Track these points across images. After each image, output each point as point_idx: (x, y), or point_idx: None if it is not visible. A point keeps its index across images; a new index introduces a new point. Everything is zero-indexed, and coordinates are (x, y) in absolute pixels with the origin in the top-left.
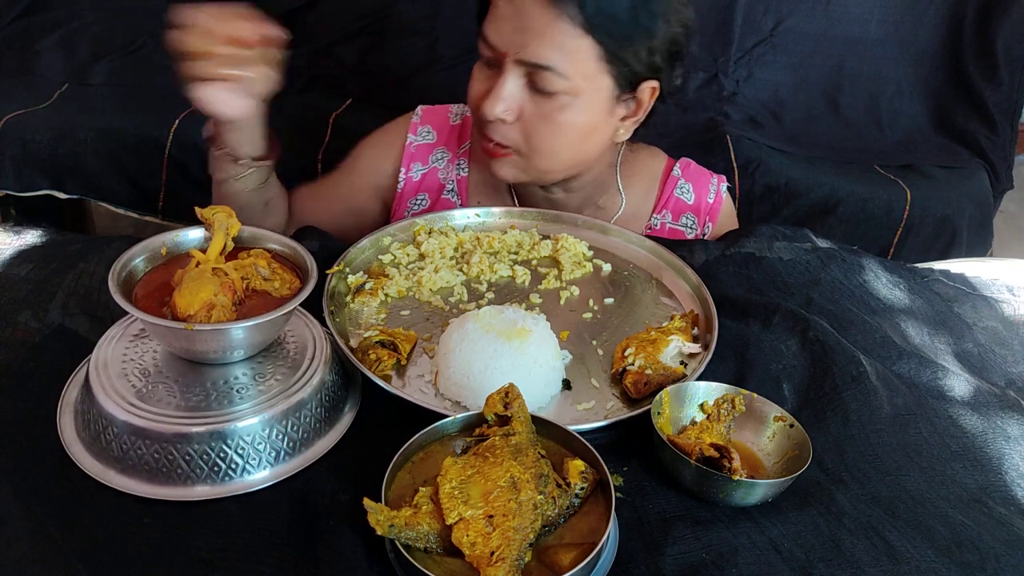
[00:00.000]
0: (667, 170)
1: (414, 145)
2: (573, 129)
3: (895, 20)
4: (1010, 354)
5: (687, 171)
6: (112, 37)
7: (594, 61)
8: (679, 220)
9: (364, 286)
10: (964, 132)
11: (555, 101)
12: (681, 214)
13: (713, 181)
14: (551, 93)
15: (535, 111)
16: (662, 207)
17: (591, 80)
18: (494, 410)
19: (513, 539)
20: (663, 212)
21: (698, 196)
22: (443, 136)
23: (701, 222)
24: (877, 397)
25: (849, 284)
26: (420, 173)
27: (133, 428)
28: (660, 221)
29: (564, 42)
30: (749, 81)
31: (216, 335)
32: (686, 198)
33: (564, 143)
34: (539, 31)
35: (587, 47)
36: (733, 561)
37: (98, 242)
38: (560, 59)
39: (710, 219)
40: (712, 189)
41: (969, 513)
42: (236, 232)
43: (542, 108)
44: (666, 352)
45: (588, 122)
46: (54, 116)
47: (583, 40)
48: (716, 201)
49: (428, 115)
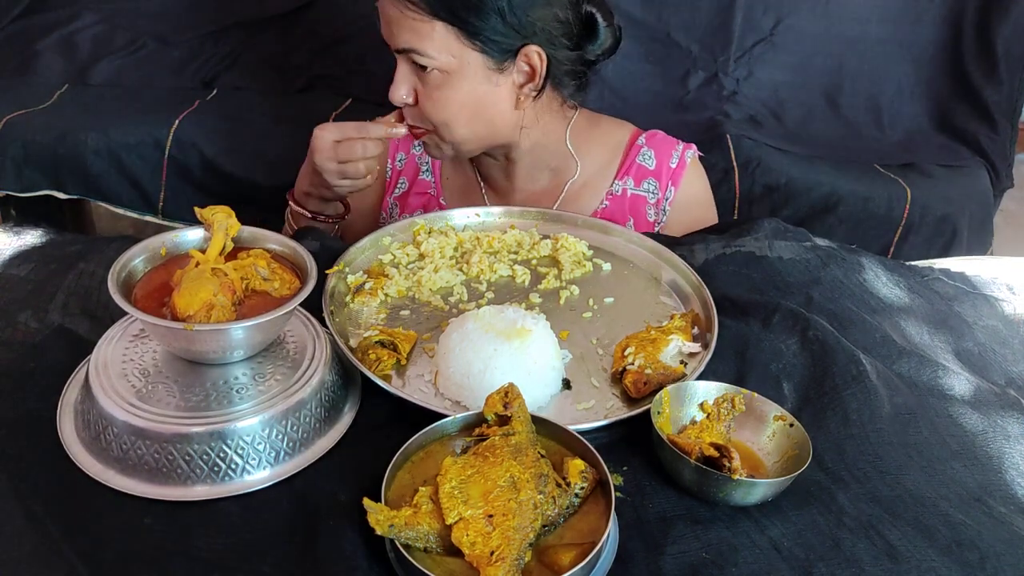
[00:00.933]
0: (632, 140)
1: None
2: (455, 101)
3: (895, 19)
4: (1010, 353)
5: (652, 140)
6: (112, 37)
7: (454, 40)
8: (640, 185)
9: (364, 286)
10: (964, 131)
11: (431, 79)
12: (642, 180)
13: (678, 148)
14: (428, 72)
15: (423, 91)
16: (624, 174)
17: (459, 57)
18: (494, 410)
19: (513, 539)
20: (624, 179)
21: (659, 161)
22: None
23: (663, 186)
24: (877, 396)
25: (849, 283)
26: (405, 161)
27: (133, 428)
28: (621, 187)
29: (416, 27)
30: (749, 80)
31: (215, 335)
32: (647, 164)
33: (453, 114)
34: (395, 21)
35: (441, 28)
36: (733, 560)
37: (98, 242)
38: (417, 42)
39: (672, 183)
40: (676, 155)
41: (969, 512)
42: (235, 232)
43: (426, 87)
44: (666, 351)
45: (471, 93)
46: (54, 116)
47: (434, 23)
48: (679, 166)
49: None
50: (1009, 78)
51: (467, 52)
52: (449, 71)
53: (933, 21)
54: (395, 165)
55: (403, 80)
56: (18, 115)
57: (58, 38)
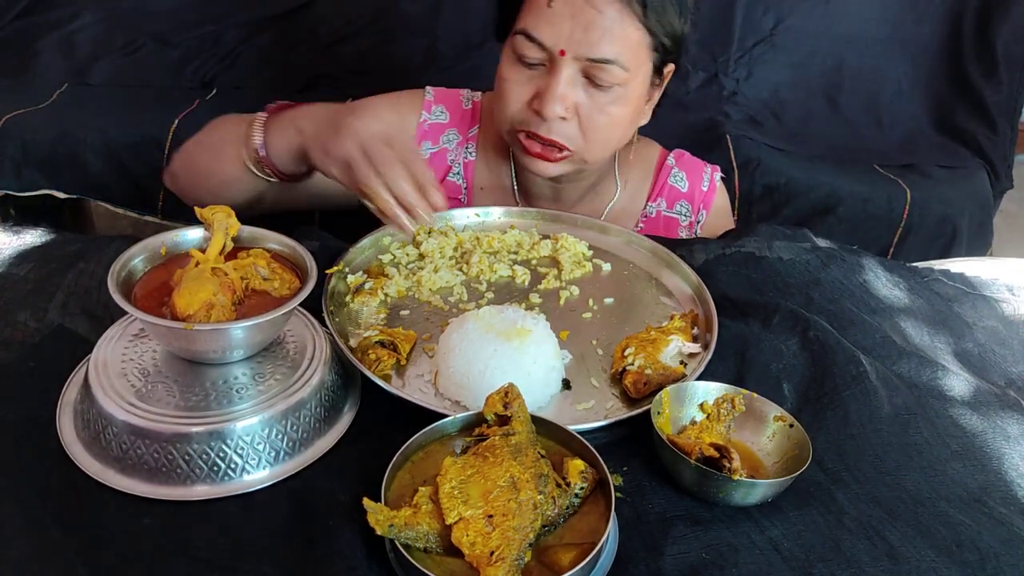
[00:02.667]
0: (661, 159)
1: (427, 123)
2: (624, 119)
3: (895, 19)
4: (1010, 354)
5: (681, 161)
6: (112, 37)
7: (643, 50)
8: (673, 208)
9: (364, 286)
10: (964, 132)
11: (610, 93)
12: (675, 202)
13: (707, 170)
14: (607, 87)
15: (591, 105)
16: (657, 195)
17: (639, 69)
18: (494, 410)
19: (513, 539)
20: (658, 200)
21: (692, 184)
22: (455, 118)
23: (695, 209)
24: (877, 397)
25: (849, 284)
26: (429, 152)
27: (132, 428)
28: (656, 209)
29: (628, 35)
30: (749, 81)
31: (215, 335)
32: (680, 186)
33: (616, 134)
34: (606, 26)
35: (640, 37)
36: (733, 561)
37: (97, 242)
38: (622, 52)
39: (704, 207)
40: (706, 178)
41: (969, 513)
42: (235, 232)
43: (598, 101)
44: (666, 352)
45: (634, 110)
46: (54, 116)
47: (640, 31)
48: (710, 189)
49: (440, 96)
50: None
51: (645, 65)
52: (627, 85)
53: (933, 21)
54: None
55: (568, 93)
56: (18, 114)
57: (58, 38)
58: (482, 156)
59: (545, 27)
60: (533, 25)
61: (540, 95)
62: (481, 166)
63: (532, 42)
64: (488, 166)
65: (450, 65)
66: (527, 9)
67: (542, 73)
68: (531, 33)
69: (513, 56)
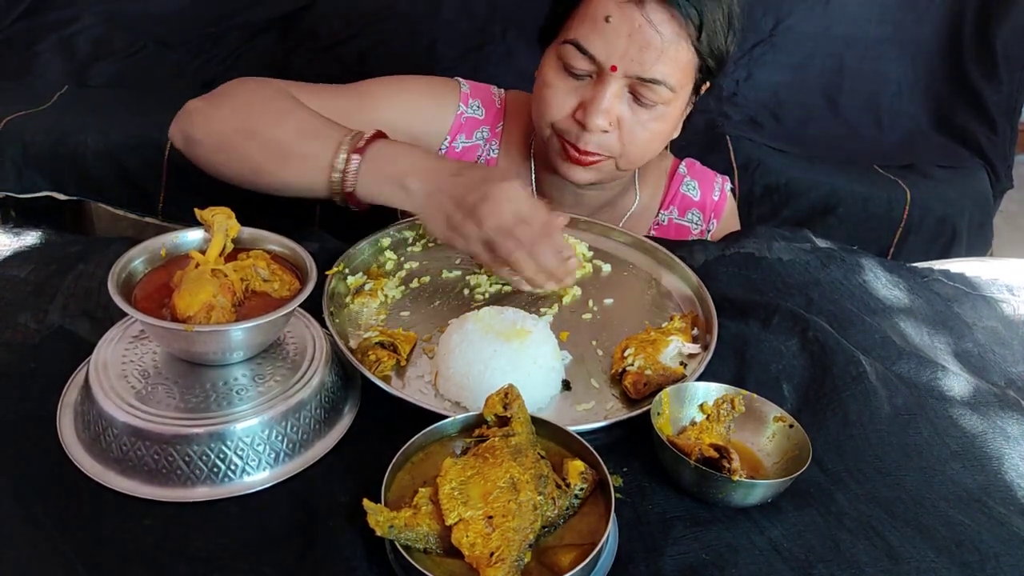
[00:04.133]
0: (673, 167)
1: (464, 116)
2: (663, 134)
3: (895, 20)
4: (1010, 354)
5: (692, 169)
6: (112, 39)
7: (691, 71)
8: (685, 216)
9: (364, 287)
10: (964, 132)
11: (654, 111)
12: (687, 210)
13: (718, 180)
14: (651, 106)
15: (634, 120)
16: (669, 203)
17: (683, 89)
18: (494, 411)
19: (513, 540)
20: (670, 208)
21: (704, 193)
22: (489, 115)
23: (706, 218)
24: (877, 397)
25: (849, 284)
26: (463, 146)
27: (133, 429)
28: (668, 217)
29: (680, 57)
30: (749, 81)
31: (215, 336)
32: (692, 195)
33: (653, 148)
34: (661, 48)
35: (690, 59)
36: (733, 561)
37: (98, 243)
38: (672, 74)
39: (715, 216)
40: (717, 187)
41: (969, 513)
42: (235, 233)
43: (640, 117)
44: (666, 352)
45: (673, 126)
46: (54, 118)
47: (691, 53)
48: (721, 199)
49: (476, 90)
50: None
51: (689, 85)
52: (669, 105)
53: (933, 21)
54: (452, 145)
55: (613, 108)
56: (18, 116)
57: (58, 39)
58: (504, 156)
59: (599, 41)
60: (586, 37)
61: (585, 107)
62: (503, 165)
63: (583, 54)
64: (510, 166)
65: (450, 65)
66: (580, 19)
67: (588, 84)
68: (583, 45)
69: (559, 63)
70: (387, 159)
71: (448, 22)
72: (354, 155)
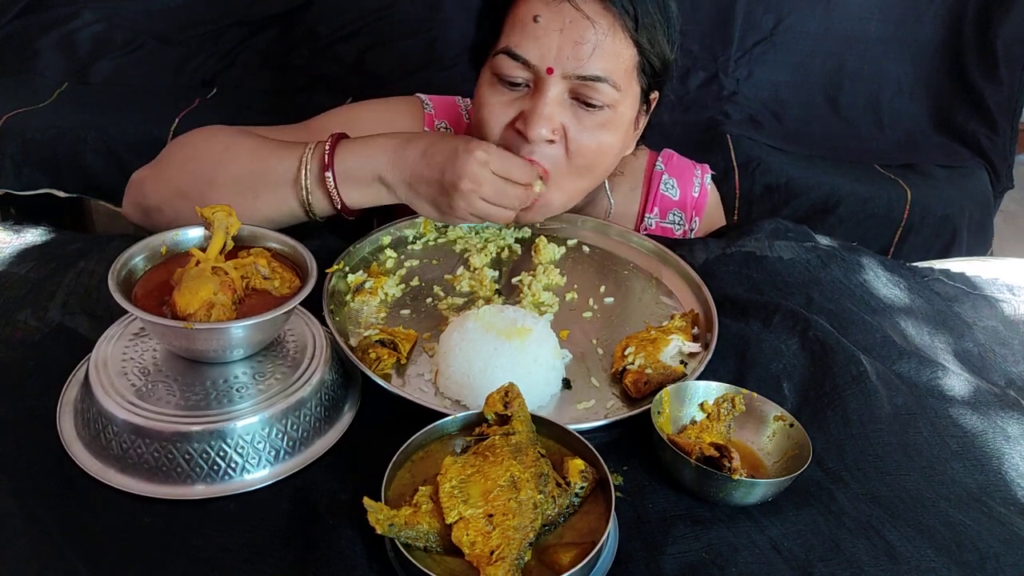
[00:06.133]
0: (650, 164)
1: None
2: (612, 147)
3: (895, 19)
4: (1010, 353)
5: (670, 164)
6: (112, 36)
7: (633, 71)
8: (666, 217)
9: (364, 285)
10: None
11: (599, 115)
12: (668, 211)
13: (696, 173)
14: (596, 107)
15: (579, 127)
16: (652, 205)
17: (628, 90)
18: (494, 409)
19: (513, 538)
20: (653, 210)
21: (683, 192)
22: (460, 131)
23: (688, 217)
24: (877, 397)
25: (849, 283)
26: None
27: (133, 427)
28: (654, 221)
29: (619, 51)
30: (749, 80)
31: (215, 334)
32: (671, 194)
33: (602, 163)
34: (596, 40)
35: (630, 55)
36: (733, 560)
37: (98, 241)
38: (613, 70)
39: (696, 213)
40: (696, 183)
41: (969, 512)
42: (236, 231)
43: (585, 123)
44: (666, 351)
45: (623, 137)
46: (54, 115)
47: (631, 49)
48: (701, 194)
49: (441, 108)
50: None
51: (632, 87)
52: (616, 107)
53: (933, 21)
54: None
55: (555, 114)
56: (18, 113)
57: (58, 36)
58: None
59: (531, 43)
60: (517, 43)
61: (525, 116)
62: None
63: (516, 60)
64: None
65: (450, 65)
66: (510, 27)
67: (525, 94)
68: (515, 51)
69: (493, 78)
70: (358, 163)
71: (448, 22)
72: (327, 173)
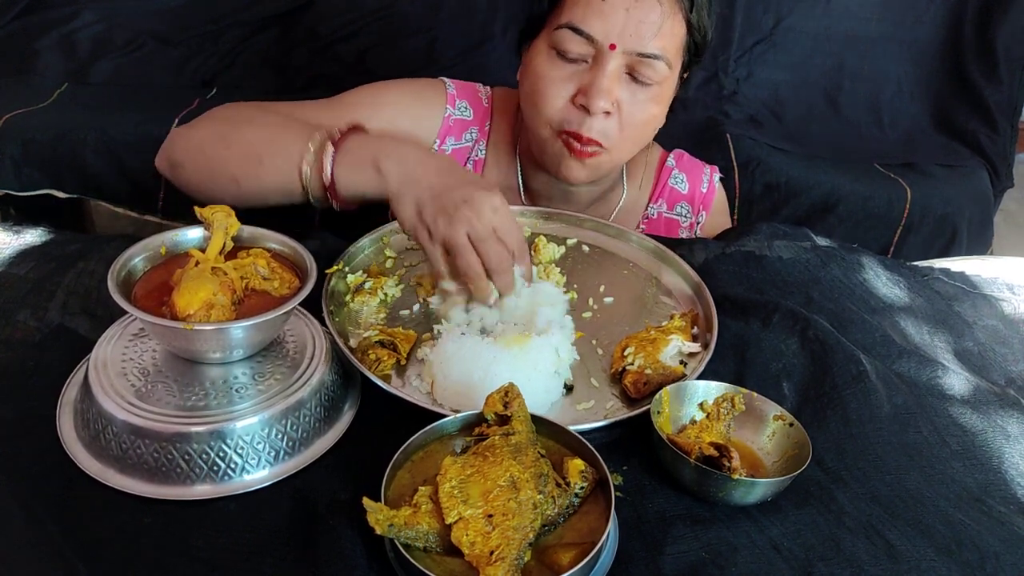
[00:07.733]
0: (661, 160)
1: (452, 118)
2: (657, 118)
3: (895, 19)
4: (1010, 352)
5: (681, 162)
6: (112, 36)
7: (681, 48)
8: (673, 209)
9: (363, 285)
10: (964, 131)
11: (650, 91)
12: (676, 203)
13: (706, 171)
14: (647, 85)
15: (632, 101)
16: (658, 196)
17: (675, 68)
18: (494, 409)
19: (512, 538)
20: (659, 201)
21: (692, 186)
22: (478, 115)
23: (695, 211)
24: (877, 396)
25: (849, 283)
26: (452, 148)
27: (132, 427)
28: (657, 211)
29: (675, 30)
30: (749, 80)
31: (215, 334)
32: (680, 188)
33: (648, 133)
34: (659, 21)
35: (682, 34)
36: (733, 560)
37: (98, 241)
38: (668, 48)
39: (704, 208)
40: (705, 179)
41: (969, 512)
42: (235, 231)
43: (638, 97)
44: (666, 351)
45: (664, 110)
46: (54, 115)
47: (682, 27)
48: (709, 191)
49: (462, 90)
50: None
51: (678, 65)
52: (663, 84)
53: (933, 21)
54: (443, 147)
55: (613, 88)
56: (17, 114)
57: (58, 37)
58: (492, 154)
59: (596, 20)
60: (582, 18)
61: (585, 90)
62: (491, 164)
63: (579, 35)
64: (497, 165)
65: (450, 65)
66: (573, 2)
67: (583, 69)
68: (579, 27)
69: (551, 52)
70: (364, 148)
71: (448, 22)
72: (329, 144)
